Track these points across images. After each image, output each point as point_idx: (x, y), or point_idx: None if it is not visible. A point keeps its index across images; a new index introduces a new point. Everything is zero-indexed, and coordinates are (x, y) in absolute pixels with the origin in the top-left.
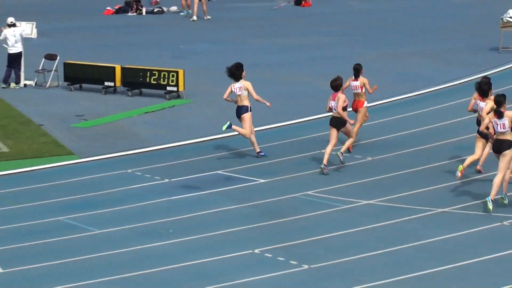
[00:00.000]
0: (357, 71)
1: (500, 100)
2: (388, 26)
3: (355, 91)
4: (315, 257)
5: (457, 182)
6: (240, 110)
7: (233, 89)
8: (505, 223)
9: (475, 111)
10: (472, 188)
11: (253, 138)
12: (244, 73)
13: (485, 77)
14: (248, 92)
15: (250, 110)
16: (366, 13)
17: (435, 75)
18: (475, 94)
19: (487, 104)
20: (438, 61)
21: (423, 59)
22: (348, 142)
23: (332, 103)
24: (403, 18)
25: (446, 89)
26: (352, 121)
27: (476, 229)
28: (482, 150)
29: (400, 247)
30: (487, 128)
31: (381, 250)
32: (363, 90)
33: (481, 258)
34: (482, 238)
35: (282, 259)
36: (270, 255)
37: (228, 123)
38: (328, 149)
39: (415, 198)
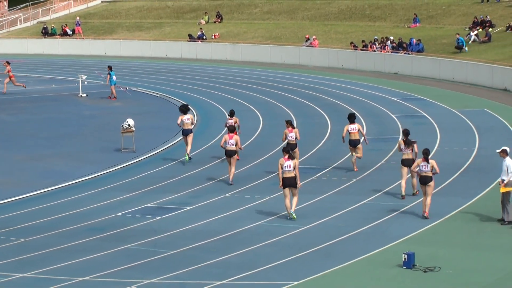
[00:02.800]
0: (231, 114)
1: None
2: (31, 134)
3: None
4: None
5: (96, 255)
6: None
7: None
8: (133, 287)
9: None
10: (109, 258)
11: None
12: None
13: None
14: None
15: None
16: (13, 124)
17: (71, 171)
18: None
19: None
20: (73, 160)
21: (61, 159)
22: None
23: (230, 141)
24: (42, 127)
25: (80, 183)
26: (241, 147)
27: None
28: None
29: None
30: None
31: None
32: (237, 124)
33: None
34: None
35: None
36: None
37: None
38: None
39: (64, 269)
